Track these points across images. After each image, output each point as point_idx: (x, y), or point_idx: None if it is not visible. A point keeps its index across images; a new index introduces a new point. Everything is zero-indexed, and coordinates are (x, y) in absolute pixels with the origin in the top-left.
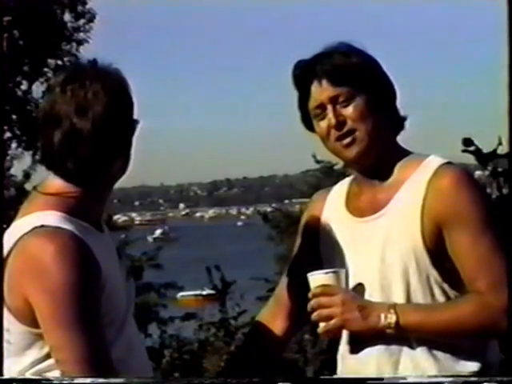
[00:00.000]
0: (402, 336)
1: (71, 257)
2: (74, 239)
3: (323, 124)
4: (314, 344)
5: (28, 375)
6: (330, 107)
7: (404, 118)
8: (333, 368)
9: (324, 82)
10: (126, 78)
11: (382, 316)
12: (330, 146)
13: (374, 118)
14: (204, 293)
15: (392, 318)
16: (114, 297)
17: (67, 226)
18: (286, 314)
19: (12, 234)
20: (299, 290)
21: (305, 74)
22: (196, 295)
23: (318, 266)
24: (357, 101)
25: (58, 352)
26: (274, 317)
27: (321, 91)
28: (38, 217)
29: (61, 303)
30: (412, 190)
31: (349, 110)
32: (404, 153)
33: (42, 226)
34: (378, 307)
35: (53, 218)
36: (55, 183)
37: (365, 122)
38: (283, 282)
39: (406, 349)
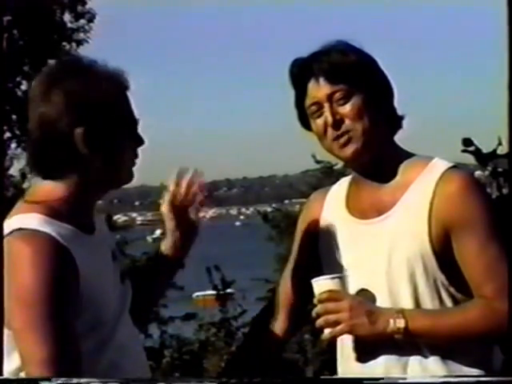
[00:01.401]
0: (410, 340)
1: (44, 260)
2: (50, 242)
3: (320, 121)
4: (314, 344)
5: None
6: (326, 105)
7: (401, 117)
8: (333, 368)
9: (321, 80)
10: (126, 78)
11: (391, 321)
12: (327, 145)
13: (372, 117)
14: (220, 292)
15: (401, 323)
16: (97, 300)
17: (46, 228)
18: (285, 314)
19: None
20: (298, 291)
21: (302, 72)
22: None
23: (317, 267)
24: (354, 99)
25: (22, 354)
26: (272, 317)
27: (318, 89)
28: (19, 219)
29: (25, 304)
30: (419, 193)
31: (346, 109)
32: (403, 153)
33: (20, 228)
34: (386, 312)
35: (33, 220)
36: (42, 188)
37: (362, 121)
38: (282, 283)
39: (414, 352)
